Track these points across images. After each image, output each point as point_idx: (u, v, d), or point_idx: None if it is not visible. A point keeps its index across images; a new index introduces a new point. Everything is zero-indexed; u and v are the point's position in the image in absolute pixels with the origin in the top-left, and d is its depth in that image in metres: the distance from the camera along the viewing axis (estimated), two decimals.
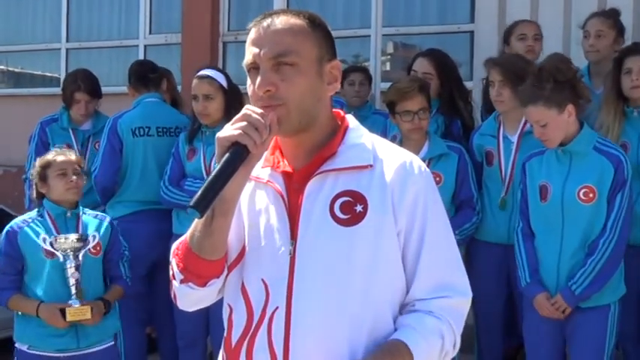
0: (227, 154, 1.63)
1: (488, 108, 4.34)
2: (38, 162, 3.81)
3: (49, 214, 3.74)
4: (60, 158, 3.76)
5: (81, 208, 3.84)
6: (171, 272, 1.81)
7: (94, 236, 3.75)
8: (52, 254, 3.63)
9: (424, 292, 1.76)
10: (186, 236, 1.78)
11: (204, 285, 1.77)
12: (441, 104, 4.41)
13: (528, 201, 3.65)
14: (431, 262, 1.75)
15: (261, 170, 1.81)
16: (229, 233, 1.77)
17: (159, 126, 4.69)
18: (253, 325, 1.75)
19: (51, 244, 3.63)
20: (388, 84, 4.48)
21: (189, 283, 1.77)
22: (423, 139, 3.99)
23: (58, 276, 3.65)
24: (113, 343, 3.85)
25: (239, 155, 1.63)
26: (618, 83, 3.91)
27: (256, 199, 1.81)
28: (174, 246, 1.82)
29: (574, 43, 5.10)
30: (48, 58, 8.37)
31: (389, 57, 7.21)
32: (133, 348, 4.71)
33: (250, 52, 1.74)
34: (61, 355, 3.66)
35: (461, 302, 1.79)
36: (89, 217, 3.84)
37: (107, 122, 4.79)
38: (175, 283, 1.81)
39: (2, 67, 8.76)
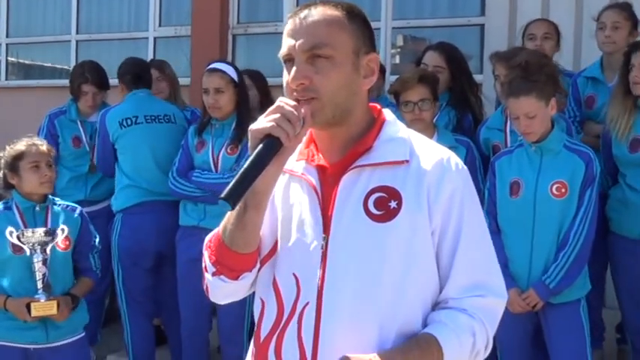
0: (259, 146, 1.61)
1: None
2: (9, 151, 3.69)
3: (17, 207, 3.65)
4: (33, 149, 3.65)
5: (51, 199, 3.75)
6: (203, 265, 1.80)
7: (63, 229, 3.65)
8: (20, 249, 3.55)
9: (458, 291, 1.72)
10: (218, 229, 1.76)
11: (236, 278, 1.76)
12: (452, 97, 4.39)
13: (497, 198, 3.68)
14: (466, 262, 1.72)
15: (295, 163, 1.79)
16: (262, 226, 1.76)
17: (147, 114, 4.73)
18: (283, 320, 1.74)
19: (18, 238, 3.54)
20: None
21: (222, 276, 1.76)
22: (430, 131, 3.97)
23: (25, 270, 3.57)
24: (83, 334, 3.80)
25: (271, 147, 1.61)
26: (627, 78, 3.90)
27: (290, 192, 1.79)
28: (206, 238, 1.80)
29: (586, 35, 5.07)
30: (58, 50, 8.37)
31: (399, 50, 7.18)
32: (140, 340, 4.73)
33: (286, 43, 1.72)
34: (31, 347, 3.60)
35: (495, 302, 1.76)
36: (59, 209, 3.75)
37: (98, 119, 4.85)
38: (208, 276, 1.79)
39: (12, 58, 8.76)
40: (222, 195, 1.56)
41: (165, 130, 4.70)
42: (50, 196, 3.77)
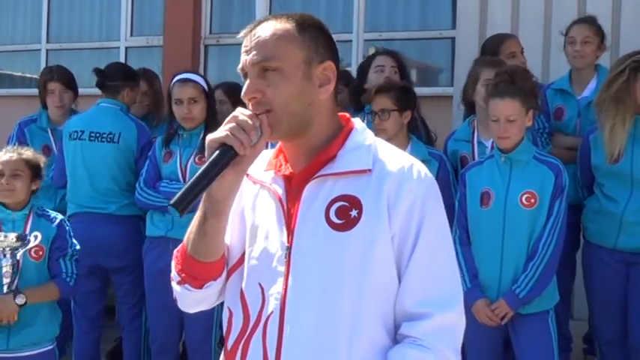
0: (213, 155, 1.63)
1: None
2: None
3: None
4: (2, 157, 3.66)
5: (34, 208, 3.73)
6: (172, 274, 1.82)
7: (36, 236, 3.62)
8: None
9: (412, 302, 1.71)
10: (184, 238, 1.78)
11: (200, 287, 1.78)
12: None
13: (467, 208, 3.72)
14: (419, 273, 1.71)
15: (264, 174, 1.81)
16: (232, 236, 1.79)
17: (92, 131, 4.71)
18: (249, 330, 1.76)
19: None
20: None
21: (186, 285, 1.78)
22: (403, 142, 3.99)
23: None
24: (51, 347, 3.74)
25: (225, 156, 1.63)
26: (634, 91, 3.84)
27: (259, 202, 1.81)
28: (176, 249, 1.82)
29: (554, 49, 5.13)
30: (28, 58, 8.31)
31: None
32: (80, 341, 4.75)
33: (241, 59, 1.75)
34: None
35: (447, 319, 1.71)
36: (42, 219, 3.73)
37: None
38: (174, 285, 1.82)
39: None
40: (171, 201, 1.58)
41: (105, 149, 4.67)
42: (36, 205, 3.76)
